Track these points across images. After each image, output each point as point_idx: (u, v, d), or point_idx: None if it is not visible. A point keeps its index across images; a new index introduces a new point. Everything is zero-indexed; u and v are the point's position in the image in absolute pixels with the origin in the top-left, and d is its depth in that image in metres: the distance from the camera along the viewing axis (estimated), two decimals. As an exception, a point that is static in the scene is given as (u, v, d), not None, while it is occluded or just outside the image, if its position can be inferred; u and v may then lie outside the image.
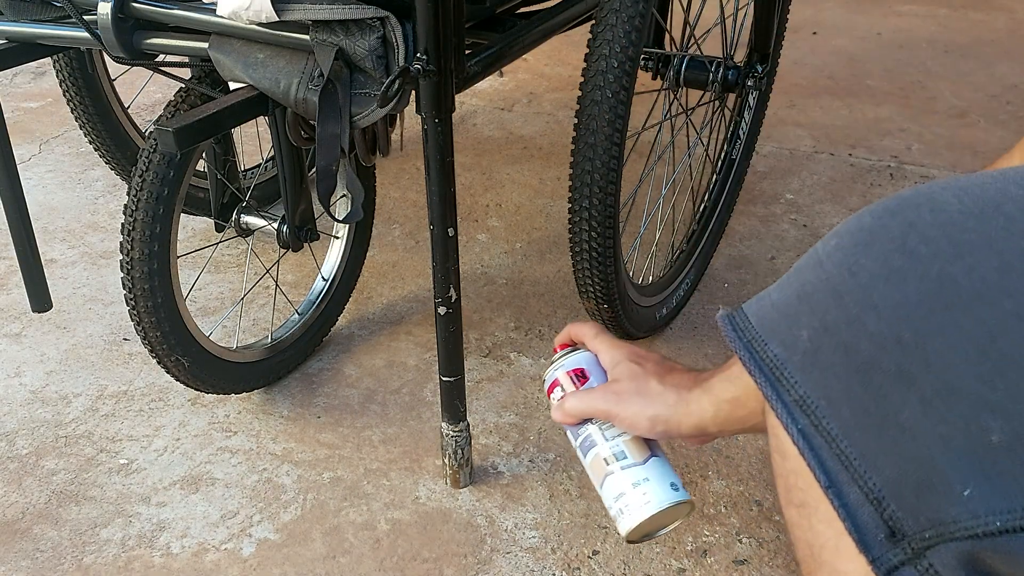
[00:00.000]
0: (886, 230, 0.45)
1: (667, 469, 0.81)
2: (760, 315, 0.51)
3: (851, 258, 0.46)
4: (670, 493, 0.78)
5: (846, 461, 0.45)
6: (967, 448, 0.40)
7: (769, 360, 0.49)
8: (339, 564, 1.18)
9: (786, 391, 0.47)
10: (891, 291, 0.43)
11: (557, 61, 2.82)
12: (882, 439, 0.43)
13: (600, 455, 0.81)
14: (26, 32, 1.25)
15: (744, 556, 1.18)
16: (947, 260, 0.42)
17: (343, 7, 1.02)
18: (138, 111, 2.33)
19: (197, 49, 1.15)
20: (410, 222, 1.97)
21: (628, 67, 1.23)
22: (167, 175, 1.18)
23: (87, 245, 1.91)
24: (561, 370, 0.87)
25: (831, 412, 0.45)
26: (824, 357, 0.46)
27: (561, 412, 0.84)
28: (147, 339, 1.25)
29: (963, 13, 3.24)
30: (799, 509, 0.51)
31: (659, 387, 0.78)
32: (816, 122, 2.42)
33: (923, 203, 0.45)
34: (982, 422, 0.40)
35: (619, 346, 0.85)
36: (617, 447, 0.80)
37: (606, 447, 0.81)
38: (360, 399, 1.46)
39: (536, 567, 1.16)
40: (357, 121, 1.10)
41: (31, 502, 1.28)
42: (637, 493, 0.78)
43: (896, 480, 0.43)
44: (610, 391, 0.81)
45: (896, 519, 0.44)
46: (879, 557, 0.45)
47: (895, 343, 0.43)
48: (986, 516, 0.40)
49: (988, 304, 0.41)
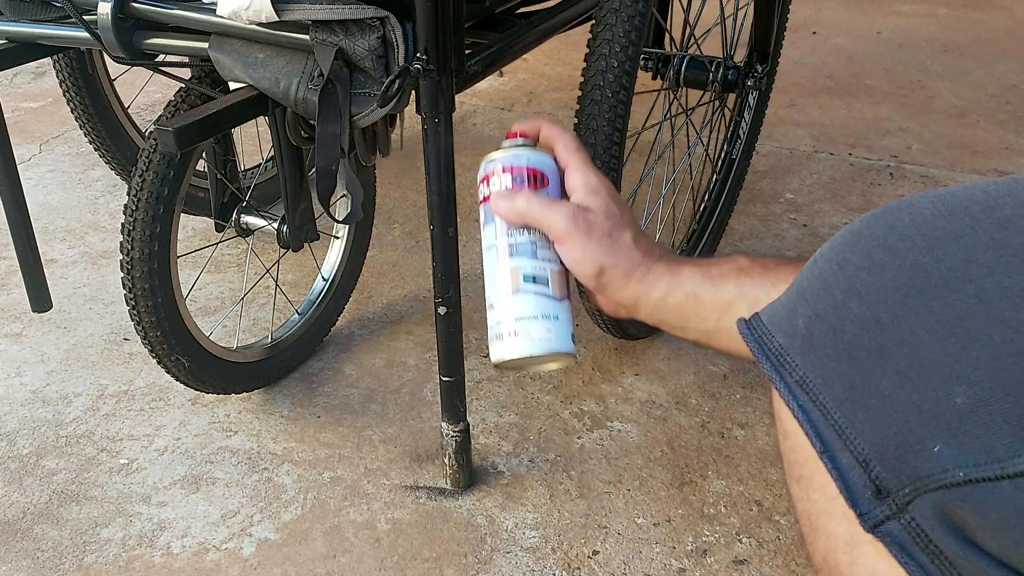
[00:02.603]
0: (870, 230, 0.51)
1: (571, 316, 0.75)
2: (769, 313, 0.56)
3: (840, 254, 0.52)
4: (568, 341, 0.74)
5: (839, 430, 0.50)
6: (936, 412, 0.46)
7: (775, 350, 0.54)
8: (339, 563, 1.18)
9: (788, 373, 0.53)
10: (872, 279, 0.49)
11: (557, 61, 2.82)
12: (867, 409, 0.49)
13: (521, 269, 0.74)
14: (26, 32, 1.25)
15: (744, 556, 1.18)
16: (920, 252, 0.48)
17: (343, 7, 1.02)
18: (138, 111, 2.33)
19: (197, 49, 1.15)
20: (410, 222, 1.97)
21: (628, 67, 1.23)
22: (167, 175, 1.18)
23: (87, 245, 1.91)
24: (521, 162, 0.76)
25: (826, 388, 0.51)
26: (817, 340, 0.51)
27: (511, 206, 0.74)
28: (147, 339, 1.25)
29: (963, 12, 3.24)
30: (798, 482, 0.56)
31: (630, 240, 0.73)
32: (816, 121, 2.42)
33: (903, 208, 0.51)
34: (948, 389, 0.46)
35: (599, 174, 0.76)
36: (544, 271, 0.74)
37: (533, 265, 0.74)
38: (360, 399, 1.46)
39: (536, 567, 1.17)
40: (357, 121, 1.10)
41: (32, 502, 1.28)
42: (541, 326, 0.73)
43: (880, 444, 0.49)
44: (580, 216, 0.73)
45: (881, 479, 0.49)
46: (867, 512, 0.50)
47: (875, 323, 0.49)
48: (953, 469, 0.45)
49: (953, 289, 0.47)
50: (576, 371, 1.51)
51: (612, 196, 0.75)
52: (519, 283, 0.74)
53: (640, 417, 1.41)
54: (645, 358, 1.54)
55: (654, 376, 1.50)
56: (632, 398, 1.45)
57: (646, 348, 1.56)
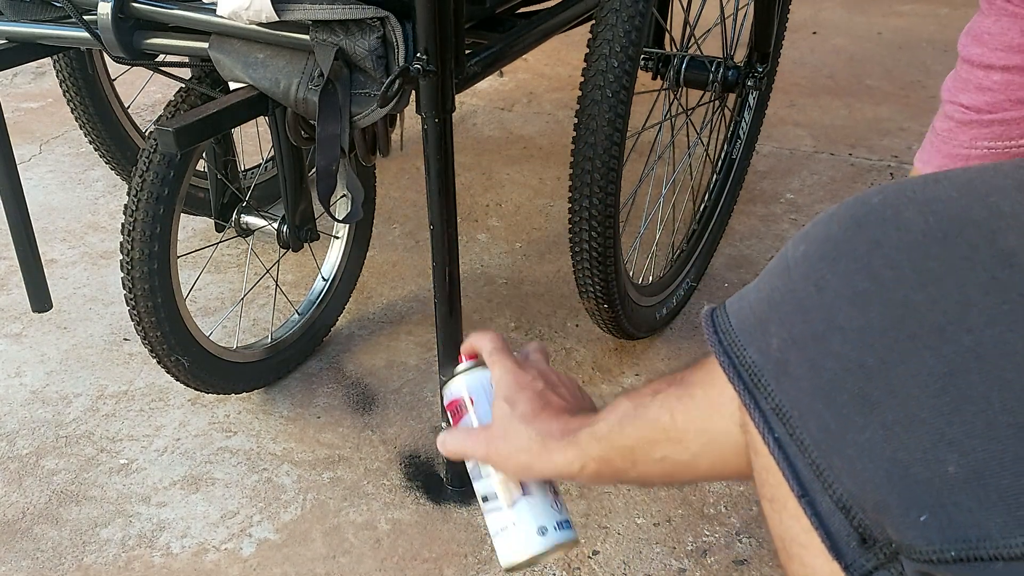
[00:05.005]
0: (851, 245, 0.46)
1: (538, 510, 0.75)
2: (740, 316, 0.51)
3: (816, 271, 0.47)
4: (533, 542, 0.74)
5: (818, 471, 0.46)
6: (924, 477, 0.41)
7: (747, 365, 0.49)
8: (339, 564, 1.18)
9: (763, 398, 0.48)
10: (856, 314, 0.44)
11: (557, 61, 2.82)
12: (843, 458, 0.45)
13: (478, 492, 0.78)
14: (26, 32, 1.25)
15: (744, 556, 1.18)
16: (911, 288, 0.43)
17: (343, 7, 1.02)
18: (138, 111, 2.33)
19: (197, 49, 1.15)
20: (410, 222, 1.97)
21: (628, 67, 1.23)
22: (167, 175, 1.18)
23: (87, 245, 1.91)
24: (448, 396, 0.82)
25: (802, 423, 0.46)
26: (793, 369, 0.47)
27: (443, 448, 0.79)
28: (147, 339, 1.25)
29: (964, 12, 3.24)
30: (771, 503, 0.52)
31: (525, 431, 0.71)
32: (816, 122, 2.42)
33: (889, 219, 0.45)
34: (939, 454, 0.41)
35: (508, 371, 0.76)
36: (488, 488, 0.76)
37: (480, 485, 0.77)
38: (360, 399, 1.46)
39: (536, 567, 1.16)
40: (357, 121, 1.10)
41: (31, 502, 1.28)
42: (501, 539, 0.75)
43: (858, 496, 0.45)
44: (481, 435, 0.75)
45: (865, 526, 0.45)
46: (853, 563, 0.46)
47: (859, 367, 0.44)
48: (941, 544, 0.41)
49: (949, 339, 0.42)
50: (576, 371, 1.51)
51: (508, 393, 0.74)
52: (482, 504, 0.77)
53: (640, 417, 1.41)
54: (645, 358, 1.54)
55: (654, 376, 1.50)
56: (632, 398, 1.45)
57: (646, 348, 1.56)
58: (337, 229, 1.56)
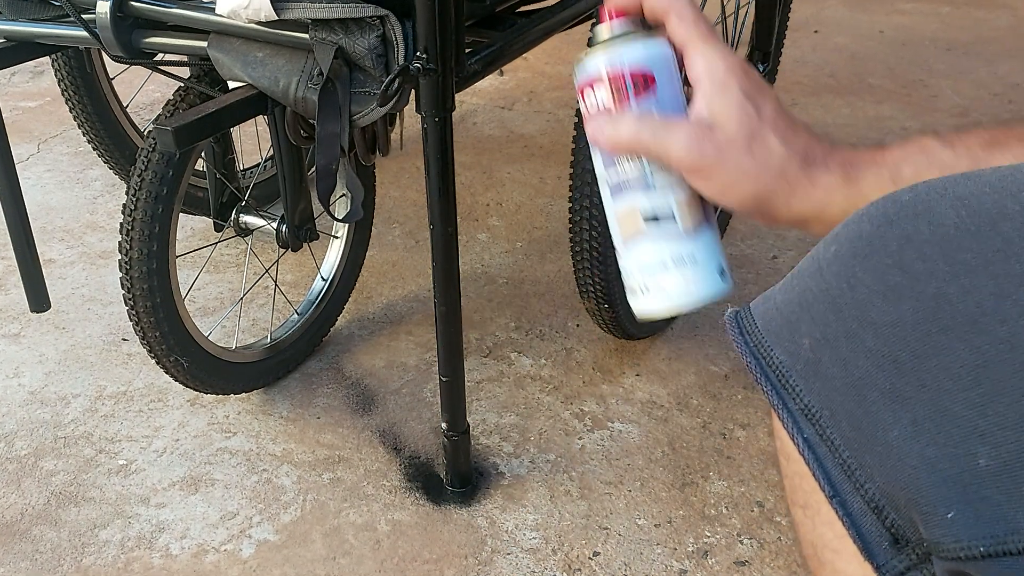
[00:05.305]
0: (883, 241, 0.44)
1: (716, 243, 0.59)
2: (766, 318, 0.49)
3: (849, 269, 0.45)
4: (715, 282, 0.58)
5: (848, 471, 0.45)
6: (953, 472, 0.41)
7: (774, 367, 0.48)
8: (339, 565, 1.17)
9: (791, 399, 0.47)
10: (888, 308, 0.43)
11: (558, 59, 2.82)
12: (873, 455, 0.44)
13: (637, 208, 0.58)
14: (24, 31, 1.24)
15: (745, 557, 1.17)
16: (943, 280, 0.42)
17: (343, 5, 1.01)
18: (137, 110, 2.32)
19: (196, 48, 1.14)
20: (410, 222, 1.96)
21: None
22: (166, 174, 1.18)
23: (86, 245, 1.90)
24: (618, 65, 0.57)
25: (833, 423, 0.45)
26: (825, 369, 0.46)
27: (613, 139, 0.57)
28: (146, 339, 1.25)
29: (966, 11, 3.23)
30: (803, 510, 0.51)
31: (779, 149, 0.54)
32: (818, 120, 2.42)
33: (921, 213, 0.44)
34: (970, 447, 0.40)
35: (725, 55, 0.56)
36: (665, 204, 0.57)
37: (650, 200, 0.58)
38: (360, 399, 1.46)
39: (537, 568, 1.16)
40: (357, 120, 1.09)
41: (30, 503, 1.27)
42: (676, 275, 0.58)
43: (889, 494, 0.44)
44: (706, 140, 0.55)
45: (897, 526, 0.44)
46: (885, 564, 0.45)
47: (891, 362, 0.43)
48: (968, 541, 0.40)
49: (982, 330, 0.41)
50: (576, 371, 1.50)
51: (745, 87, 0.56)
52: (638, 225, 0.58)
53: (641, 418, 1.41)
54: (646, 358, 1.54)
55: (655, 376, 1.49)
56: (633, 399, 1.44)
57: (647, 348, 1.56)
58: (336, 229, 1.55)
